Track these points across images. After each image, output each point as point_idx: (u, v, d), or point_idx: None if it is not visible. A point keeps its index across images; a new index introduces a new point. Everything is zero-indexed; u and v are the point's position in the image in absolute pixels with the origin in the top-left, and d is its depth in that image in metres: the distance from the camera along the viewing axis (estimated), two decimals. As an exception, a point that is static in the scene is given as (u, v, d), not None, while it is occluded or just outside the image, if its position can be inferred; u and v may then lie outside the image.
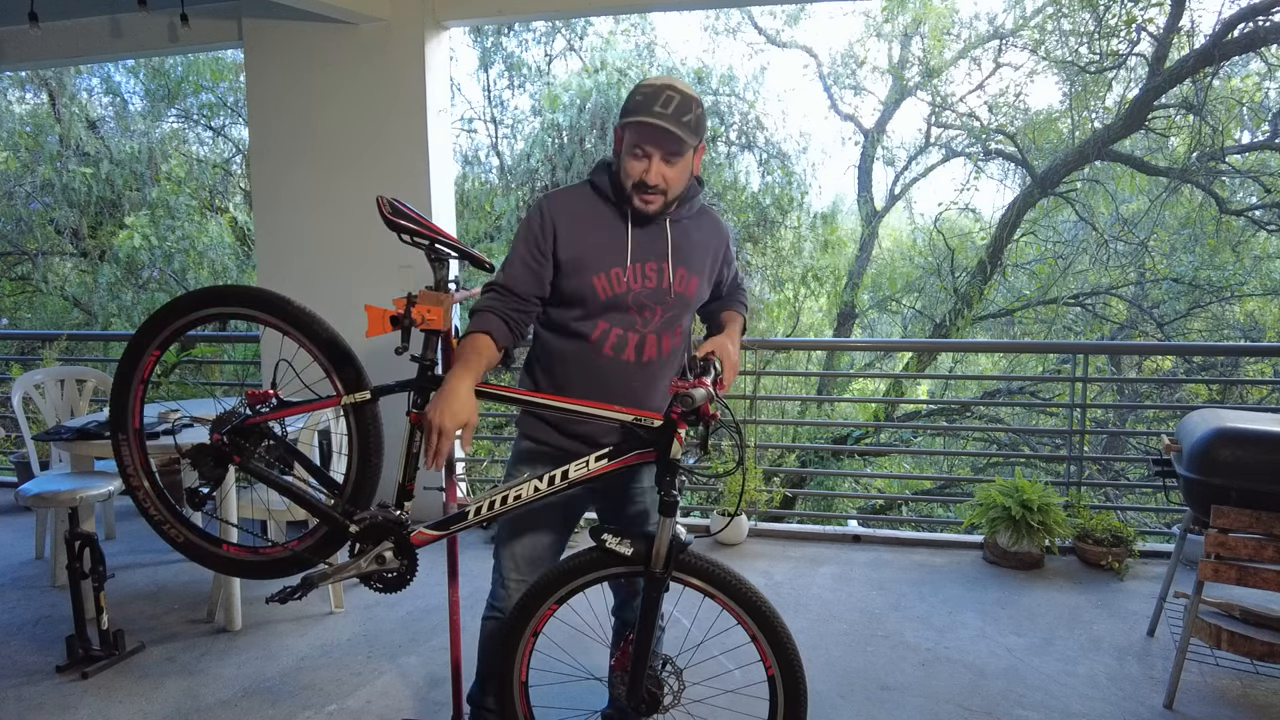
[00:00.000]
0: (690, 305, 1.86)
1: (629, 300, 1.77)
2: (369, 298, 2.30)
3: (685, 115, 1.64)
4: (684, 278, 1.81)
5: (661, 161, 1.67)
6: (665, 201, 1.73)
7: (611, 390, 1.78)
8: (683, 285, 1.82)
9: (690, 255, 1.83)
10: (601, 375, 1.80)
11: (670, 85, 1.67)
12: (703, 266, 1.86)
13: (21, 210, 8.48)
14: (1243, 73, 7.87)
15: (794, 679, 1.69)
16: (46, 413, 3.73)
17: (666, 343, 1.84)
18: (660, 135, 1.64)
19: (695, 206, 1.87)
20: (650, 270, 1.78)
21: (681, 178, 1.72)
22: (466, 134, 8.65)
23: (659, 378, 1.86)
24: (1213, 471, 2.40)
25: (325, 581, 1.81)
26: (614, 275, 1.75)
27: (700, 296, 1.88)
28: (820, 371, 9.18)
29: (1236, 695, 2.53)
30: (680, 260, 1.81)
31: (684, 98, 1.65)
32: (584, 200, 1.80)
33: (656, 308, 1.80)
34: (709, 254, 1.88)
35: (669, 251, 1.79)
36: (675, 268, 1.79)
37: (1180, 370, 8.38)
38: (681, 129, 1.63)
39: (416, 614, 3.14)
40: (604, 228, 1.77)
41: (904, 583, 3.46)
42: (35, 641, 2.93)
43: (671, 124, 1.62)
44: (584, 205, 1.79)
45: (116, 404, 1.93)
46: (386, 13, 3.88)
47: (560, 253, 1.75)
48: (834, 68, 10.48)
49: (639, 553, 1.66)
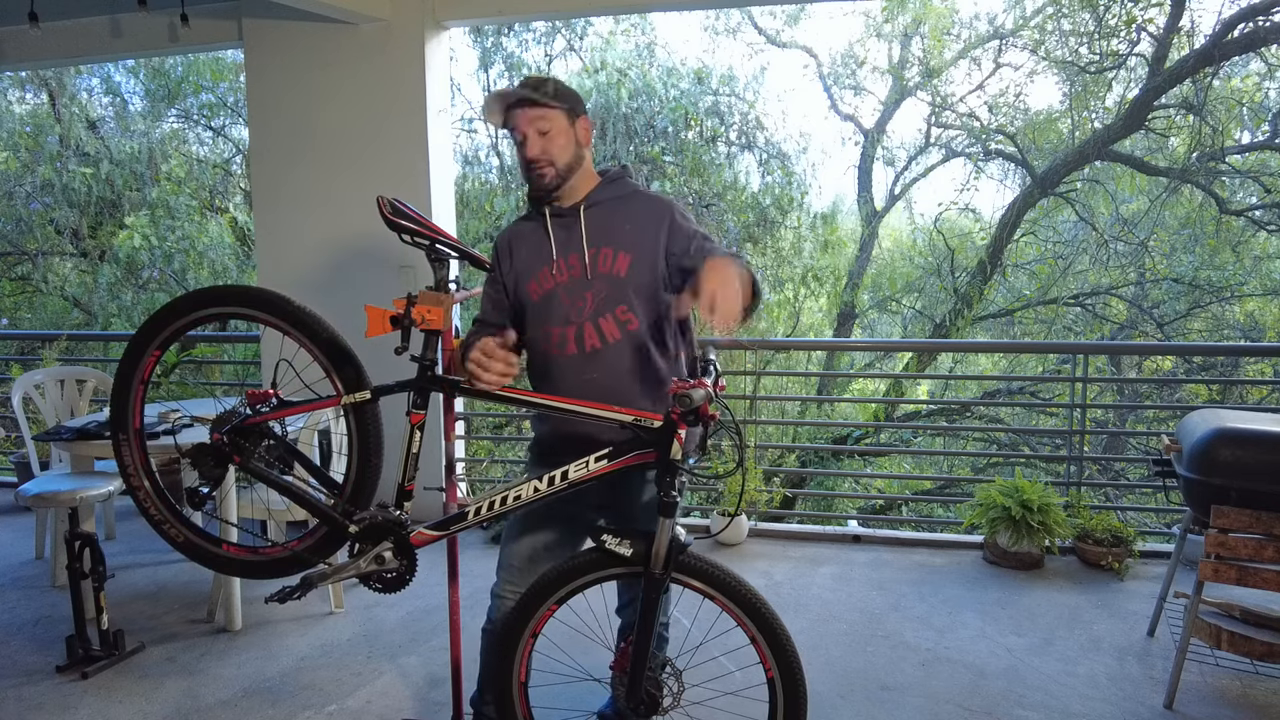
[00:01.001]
0: (626, 283, 1.80)
1: (558, 294, 1.83)
2: (369, 298, 2.31)
3: (542, 87, 1.80)
4: (608, 257, 1.81)
5: (537, 136, 1.79)
6: (556, 172, 1.81)
7: (568, 386, 1.80)
8: (607, 265, 1.81)
9: (614, 235, 1.82)
10: (560, 374, 1.84)
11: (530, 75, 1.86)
12: (638, 242, 1.81)
13: (21, 210, 8.48)
14: (1243, 73, 7.86)
15: (794, 681, 1.69)
16: (46, 413, 3.73)
17: (609, 327, 1.80)
18: (520, 107, 1.79)
19: (623, 189, 1.88)
20: (574, 260, 1.83)
21: (562, 145, 1.81)
22: (466, 134, 8.65)
23: (618, 366, 1.81)
24: (1213, 471, 2.40)
25: (325, 581, 1.81)
26: (542, 276, 1.85)
27: (635, 272, 1.80)
28: (820, 371, 9.17)
29: (1236, 695, 2.53)
30: (601, 241, 1.82)
31: (541, 77, 1.83)
32: (523, 223, 1.93)
33: (585, 294, 1.81)
34: (644, 229, 1.82)
35: (584, 238, 1.83)
36: (596, 249, 1.82)
37: (1180, 370, 8.38)
38: (536, 94, 1.78)
39: (416, 614, 3.14)
40: (533, 238, 1.88)
41: (904, 583, 3.46)
42: (35, 641, 2.93)
43: (525, 91, 1.78)
44: (523, 227, 1.92)
45: (117, 404, 1.93)
46: (386, 13, 3.88)
47: (507, 276, 1.90)
48: (834, 68, 10.48)
49: (638, 553, 1.66)
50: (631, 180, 1.91)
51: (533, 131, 1.79)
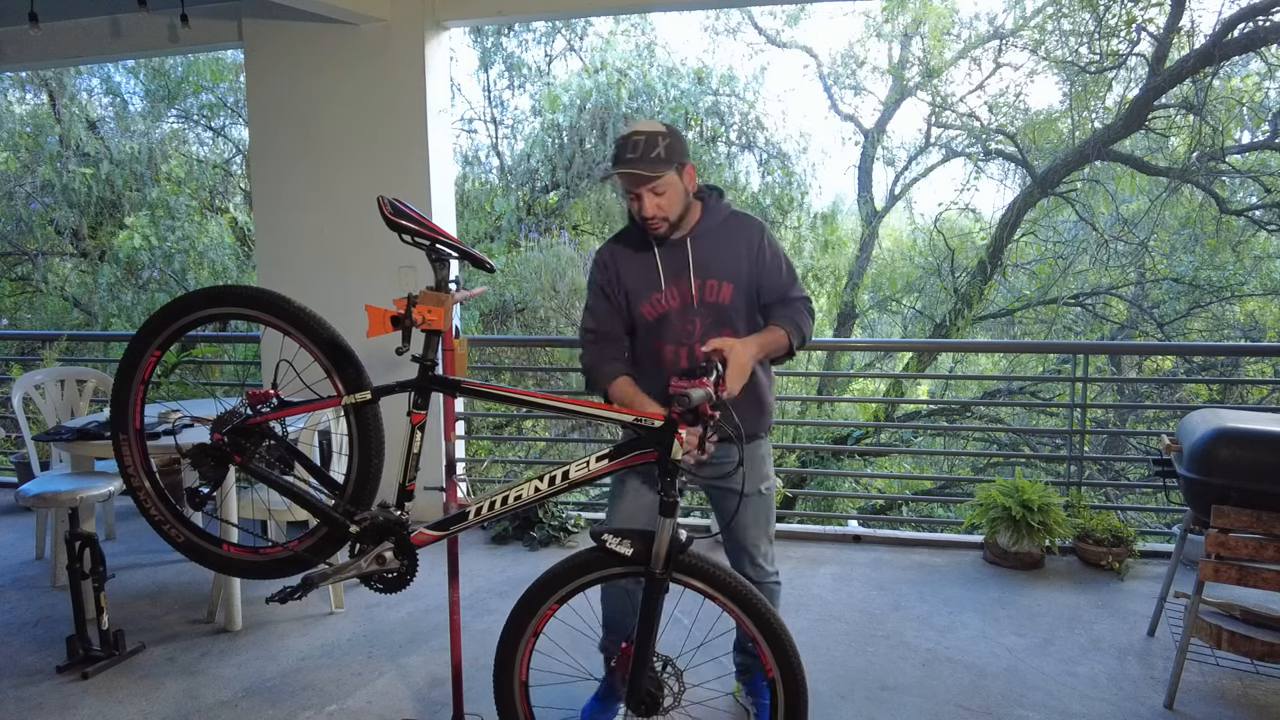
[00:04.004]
0: (730, 310, 2.02)
1: (671, 318, 2.01)
2: (369, 298, 2.31)
3: (652, 152, 1.86)
4: (714, 288, 2.00)
5: (650, 194, 1.89)
6: (670, 224, 1.95)
7: None
8: (713, 295, 2.00)
9: (718, 265, 2.00)
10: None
11: (635, 131, 1.90)
12: (736, 271, 2.01)
13: (21, 210, 8.47)
14: (1243, 73, 7.86)
15: (794, 681, 1.69)
16: (46, 413, 3.73)
17: None
18: (635, 178, 1.87)
19: (721, 215, 2.04)
20: (682, 287, 2.00)
21: (675, 201, 1.93)
22: (466, 134, 8.66)
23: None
24: (1213, 471, 2.40)
25: (325, 582, 1.81)
26: (654, 300, 2.01)
27: (737, 300, 2.02)
28: (820, 371, 9.17)
29: (1237, 695, 2.53)
30: (706, 273, 2.00)
31: (648, 137, 1.87)
32: (627, 244, 2.06)
33: (695, 319, 2.00)
34: (739, 256, 2.02)
35: (691, 269, 1.99)
36: (702, 281, 1.99)
37: (1180, 370, 8.38)
38: (649, 166, 1.85)
39: (417, 614, 3.14)
40: (640, 260, 2.03)
41: (904, 583, 3.46)
42: (35, 641, 2.93)
43: (640, 167, 1.85)
44: (627, 244, 2.06)
45: (117, 404, 1.93)
46: (386, 13, 3.88)
47: (618, 292, 2.05)
48: (834, 68, 10.49)
49: (639, 553, 1.66)
50: (725, 201, 2.08)
51: (646, 192, 1.89)
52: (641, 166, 1.84)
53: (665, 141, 1.86)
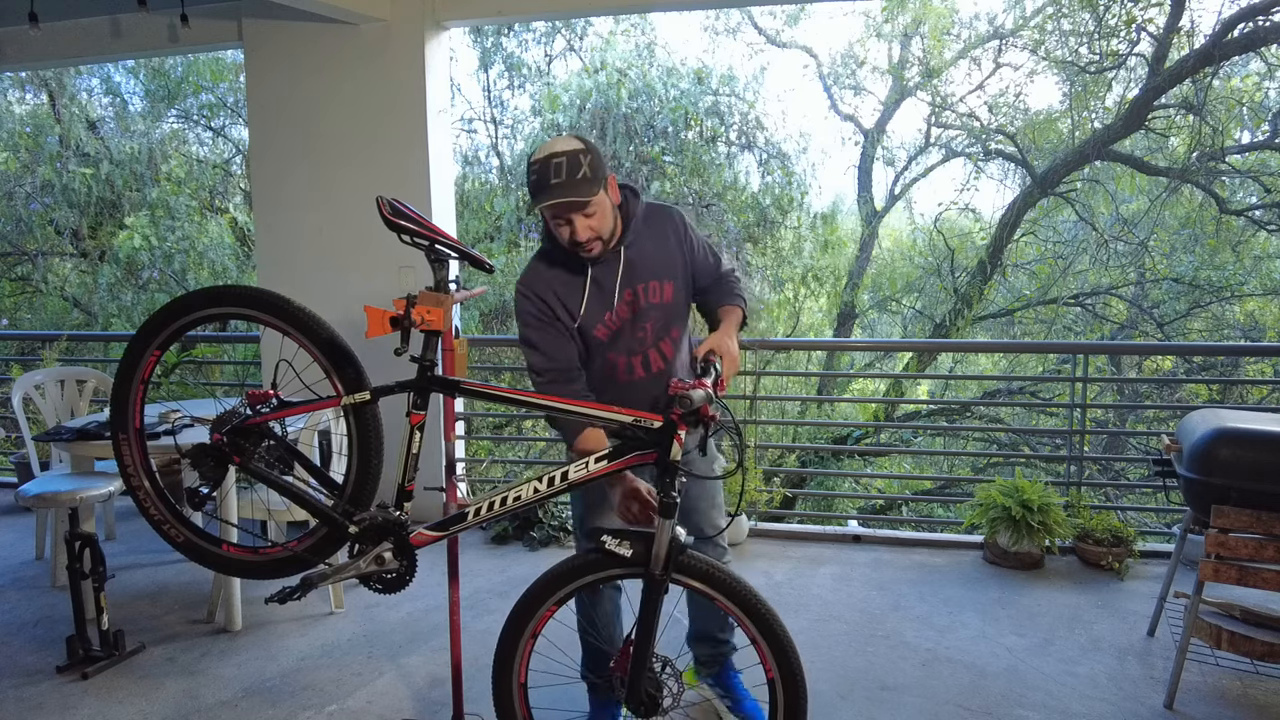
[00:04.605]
0: (673, 307, 1.99)
1: (624, 330, 1.96)
2: (369, 298, 2.31)
3: (577, 173, 1.73)
4: (657, 289, 1.96)
5: (581, 218, 1.78)
6: (604, 243, 1.86)
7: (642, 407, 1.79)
8: (657, 296, 1.96)
9: (656, 266, 1.96)
10: (629, 396, 1.91)
11: (553, 152, 1.74)
12: (672, 266, 1.98)
13: (21, 210, 8.47)
14: (1243, 73, 7.85)
15: (794, 681, 1.69)
16: (46, 413, 3.73)
17: (667, 347, 2.01)
18: (566, 205, 1.75)
19: (640, 215, 1.96)
20: (628, 296, 1.94)
21: (605, 219, 1.83)
22: (466, 134, 8.65)
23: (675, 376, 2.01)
24: (1213, 471, 2.40)
25: (325, 582, 1.81)
26: (608, 320, 1.93)
27: (679, 295, 2.00)
28: (820, 371, 9.17)
29: (1236, 695, 2.53)
30: (649, 276, 1.94)
31: (569, 157, 1.73)
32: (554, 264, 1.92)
33: (645, 324, 1.96)
34: (671, 251, 1.99)
35: (631, 276, 1.93)
36: (645, 285, 1.94)
37: (1180, 370, 8.37)
38: (577, 190, 1.73)
39: (417, 614, 3.14)
40: (578, 284, 1.91)
41: (904, 583, 3.46)
42: (35, 642, 2.93)
43: (570, 193, 1.72)
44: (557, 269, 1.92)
45: (117, 404, 1.93)
46: (386, 13, 3.88)
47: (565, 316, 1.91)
48: (834, 68, 10.48)
49: (639, 554, 1.66)
50: (639, 198, 1.98)
51: (577, 216, 1.78)
52: (571, 192, 1.72)
53: (588, 159, 1.74)
